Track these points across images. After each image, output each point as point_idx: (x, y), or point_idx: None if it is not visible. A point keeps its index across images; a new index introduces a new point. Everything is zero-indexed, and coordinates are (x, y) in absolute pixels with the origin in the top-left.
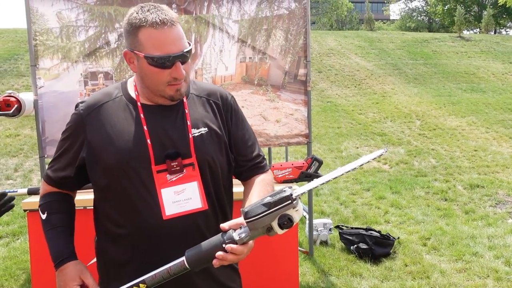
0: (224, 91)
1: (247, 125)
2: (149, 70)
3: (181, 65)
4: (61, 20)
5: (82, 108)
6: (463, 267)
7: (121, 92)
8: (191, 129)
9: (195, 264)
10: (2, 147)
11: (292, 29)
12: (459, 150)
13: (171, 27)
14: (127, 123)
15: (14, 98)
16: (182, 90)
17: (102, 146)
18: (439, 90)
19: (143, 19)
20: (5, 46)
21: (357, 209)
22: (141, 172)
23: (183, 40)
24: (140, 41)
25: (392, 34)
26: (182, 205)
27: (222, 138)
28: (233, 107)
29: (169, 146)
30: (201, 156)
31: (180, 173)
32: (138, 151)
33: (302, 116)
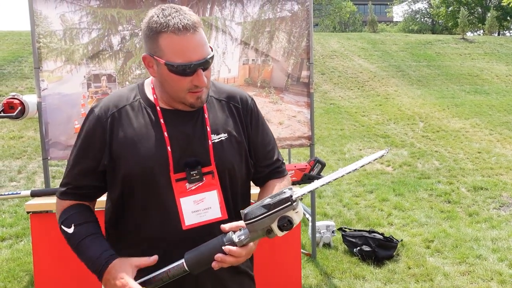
0: (244, 93)
1: (267, 129)
2: (170, 77)
3: (203, 72)
4: (64, 22)
5: (99, 113)
6: (467, 270)
7: (139, 95)
8: (210, 135)
9: (194, 266)
10: (5, 149)
11: (295, 31)
12: (463, 152)
13: (193, 33)
14: (147, 128)
15: (18, 100)
16: (203, 97)
17: (123, 152)
18: (442, 92)
19: (164, 24)
20: (9, 49)
21: (360, 211)
22: (160, 180)
23: (206, 46)
24: (160, 46)
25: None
26: (202, 215)
27: (242, 144)
28: (253, 110)
29: (189, 153)
30: (220, 163)
31: (199, 182)
32: (158, 158)
33: (305, 118)
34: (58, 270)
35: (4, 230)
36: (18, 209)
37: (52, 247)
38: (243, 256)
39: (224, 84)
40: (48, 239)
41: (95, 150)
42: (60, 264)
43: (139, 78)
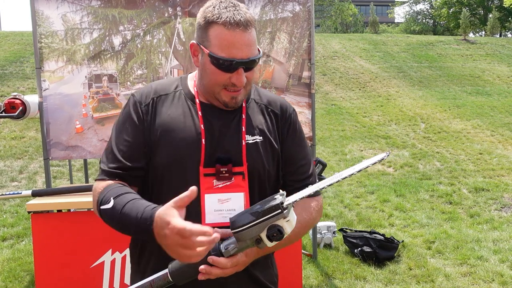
0: (286, 102)
1: (304, 144)
2: (210, 68)
3: (245, 72)
4: (66, 22)
5: (139, 98)
6: (468, 271)
7: (181, 86)
8: (245, 135)
9: (178, 277)
10: (7, 149)
11: (296, 32)
12: (464, 153)
13: (244, 31)
14: (184, 119)
15: (19, 100)
16: (239, 98)
17: (160, 138)
18: (444, 93)
19: (218, 15)
20: (11, 49)
21: (361, 212)
22: (189, 172)
23: (254, 47)
24: (209, 37)
25: (396, 37)
26: (224, 216)
27: (276, 150)
28: (293, 120)
29: (221, 150)
30: (252, 165)
31: (228, 181)
32: (191, 150)
33: (306, 119)
34: (59, 270)
35: (5, 230)
36: (19, 209)
37: (53, 247)
38: (228, 267)
39: (268, 91)
40: (49, 239)
41: (135, 131)
42: (61, 264)
43: (140, 78)
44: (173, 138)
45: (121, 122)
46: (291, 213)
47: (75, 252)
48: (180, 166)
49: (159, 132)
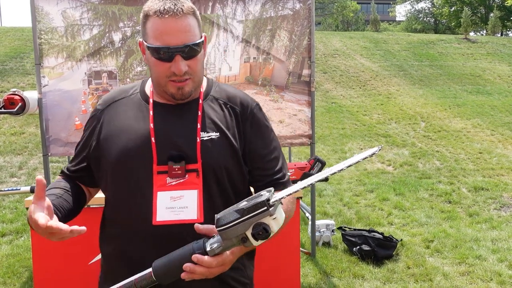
0: (248, 97)
1: (271, 137)
2: (152, 61)
3: (184, 60)
4: (65, 19)
5: (98, 104)
6: (466, 270)
7: (138, 89)
8: (200, 132)
9: (162, 277)
10: (7, 145)
11: (296, 30)
12: (464, 152)
13: (174, 17)
14: (135, 120)
15: (18, 96)
16: (186, 89)
17: (107, 141)
18: (444, 92)
19: (151, 8)
20: (11, 45)
21: (360, 211)
22: (141, 171)
23: (189, 33)
24: (146, 30)
25: (397, 35)
26: (176, 213)
27: (235, 146)
28: (255, 115)
29: (175, 147)
30: (207, 162)
31: (181, 178)
32: (140, 149)
33: (305, 117)
34: (57, 266)
35: (4, 226)
36: (19, 205)
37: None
38: (213, 266)
39: (229, 86)
40: None
41: (89, 139)
42: (60, 260)
43: (140, 75)
44: (122, 139)
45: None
46: (278, 211)
47: (73, 248)
48: (131, 165)
49: (110, 135)
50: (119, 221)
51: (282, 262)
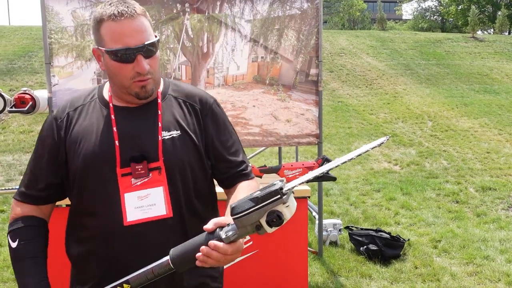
0: (206, 94)
1: (231, 131)
2: (112, 65)
3: (145, 59)
4: (75, 19)
5: (56, 114)
6: (474, 271)
7: (96, 95)
8: (161, 131)
9: (179, 264)
10: (16, 143)
11: (304, 29)
12: (471, 152)
13: (130, 18)
14: (97, 125)
15: (29, 95)
16: (149, 87)
17: (72, 149)
18: (451, 91)
19: (103, 13)
20: (19, 43)
21: (367, 210)
22: (106, 175)
23: (146, 33)
24: (101, 35)
25: (404, 34)
26: (145, 211)
27: (196, 142)
28: (214, 111)
29: (137, 148)
30: (169, 160)
31: (145, 177)
32: (104, 153)
33: (313, 116)
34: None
35: None
36: None
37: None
38: (229, 253)
39: (186, 84)
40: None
41: (50, 148)
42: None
43: None
44: (86, 145)
45: (37, 145)
46: (290, 199)
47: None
48: (96, 170)
49: (73, 142)
50: (90, 224)
51: (290, 261)
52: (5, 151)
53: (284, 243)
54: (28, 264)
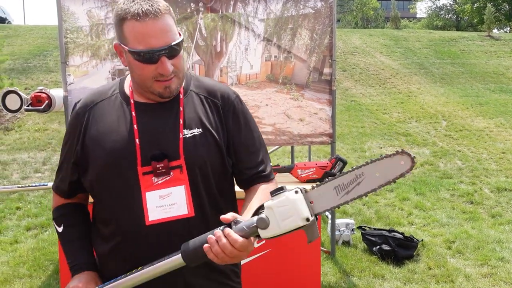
0: (228, 90)
1: (253, 129)
2: (135, 65)
3: (169, 59)
4: (91, 18)
5: (78, 108)
6: (489, 272)
7: (117, 90)
8: (182, 129)
9: (191, 258)
10: (31, 141)
11: (317, 28)
12: (487, 152)
13: (154, 19)
14: (118, 122)
15: (45, 94)
16: (173, 86)
17: (92, 146)
18: (466, 91)
19: (127, 11)
20: (35, 43)
21: (380, 210)
22: (127, 173)
23: (171, 33)
24: (124, 34)
25: (418, 33)
26: (167, 211)
27: (218, 141)
28: (236, 108)
29: (158, 146)
30: (190, 158)
31: (166, 176)
32: (125, 151)
33: (326, 116)
34: None
35: (30, 220)
36: (43, 200)
37: None
38: (237, 245)
39: (208, 79)
40: None
41: (73, 146)
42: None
43: None
44: (107, 143)
45: (64, 139)
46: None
47: None
48: (117, 168)
49: (93, 139)
50: (111, 222)
51: (303, 261)
52: (20, 149)
53: (296, 242)
54: (71, 245)
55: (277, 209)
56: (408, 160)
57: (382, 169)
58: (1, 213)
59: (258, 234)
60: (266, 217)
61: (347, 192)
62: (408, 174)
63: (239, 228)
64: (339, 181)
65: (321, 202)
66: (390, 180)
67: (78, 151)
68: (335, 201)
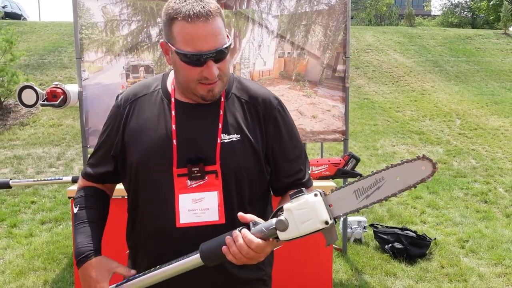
0: (270, 96)
1: (293, 136)
2: (181, 65)
3: (215, 63)
4: (105, 14)
5: (119, 100)
6: (503, 272)
7: (160, 86)
8: (221, 134)
9: (209, 258)
10: (45, 136)
11: (331, 25)
12: (501, 151)
13: (205, 22)
14: (158, 119)
15: (60, 90)
16: (216, 90)
17: (131, 141)
18: (481, 89)
19: (178, 11)
20: (49, 39)
21: (392, 208)
22: (162, 173)
23: (220, 36)
24: (173, 33)
25: (433, 30)
26: (198, 215)
27: (256, 148)
28: (277, 114)
29: (195, 149)
30: (227, 164)
31: (201, 180)
32: (162, 151)
33: (339, 113)
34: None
35: (44, 214)
36: (57, 194)
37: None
38: (252, 247)
39: (250, 82)
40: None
41: (112, 136)
42: None
43: None
44: (144, 139)
45: (103, 128)
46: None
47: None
48: (152, 167)
49: (132, 134)
50: (143, 220)
51: (314, 258)
52: (35, 144)
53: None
54: (83, 226)
55: (296, 211)
56: (430, 166)
57: (402, 173)
58: (16, 207)
59: (277, 236)
60: (285, 219)
61: (367, 196)
62: (429, 180)
63: (258, 230)
64: (359, 185)
65: (340, 206)
66: (410, 185)
67: (118, 143)
68: (354, 205)
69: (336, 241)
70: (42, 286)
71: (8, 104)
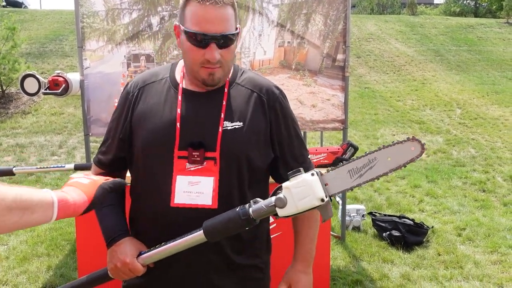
0: (273, 85)
1: (294, 125)
2: (187, 46)
3: (218, 48)
4: (106, 3)
5: (128, 87)
6: (498, 259)
7: (168, 74)
8: (223, 121)
9: (211, 235)
10: (47, 125)
11: (331, 14)
12: (501, 140)
13: (215, 5)
14: (163, 105)
15: (62, 78)
16: (217, 75)
17: (136, 125)
18: (482, 78)
19: None
20: (51, 27)
21: (391, 197)
22: (163, 154)
23: (227, 23)
24: (185, 14)
25: (435, 19)
26: (192, 198)
27: (260, 136)
28: (280, 103)
29: (197, 134)
30: (227, 152)
31: (199, 165)
32: (165, 133)
33: (339, 102)
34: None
35: None
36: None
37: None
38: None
39: (254, 73)
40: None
41: (121, 121)
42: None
43: (176, 58)
44: (150, 124)
45: (113, 116)
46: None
47: None
48: (155, 148)
49: (138, 119)
50: (142, 200)
51: None
52: (37, 132)
53: None
54: (108, 209)
55: (294, 189)
56: (418, 146)
57: (393, 154)
58: None
59: (276, 212)
60: (284, 196)
61: (360, 175)
62: (418, 159)
63: (258, 207)
64: (353, 165)
65: (335, 184)
66: (401, 165)
67: (127, 128)
68: (348, 183)
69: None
70: (46, 271)
71: (10, 92)
